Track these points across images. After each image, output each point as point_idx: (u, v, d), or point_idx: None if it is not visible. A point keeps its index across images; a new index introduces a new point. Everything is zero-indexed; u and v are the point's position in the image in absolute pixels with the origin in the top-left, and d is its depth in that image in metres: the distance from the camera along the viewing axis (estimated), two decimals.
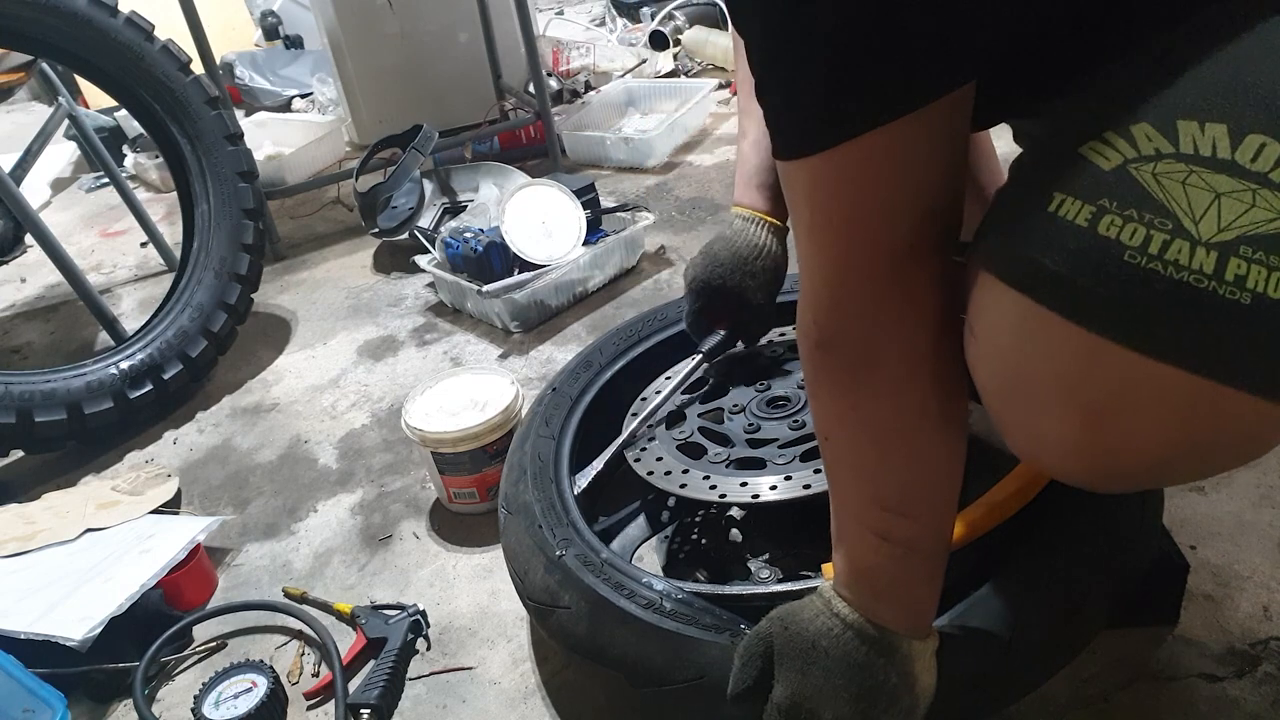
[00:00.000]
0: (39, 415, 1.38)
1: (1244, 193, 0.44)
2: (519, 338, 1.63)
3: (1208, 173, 0.44)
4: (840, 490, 0.65)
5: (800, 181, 0.56)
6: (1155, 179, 0.45)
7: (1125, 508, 0.75)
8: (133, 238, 2.39)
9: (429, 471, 1.21)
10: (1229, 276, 0.43)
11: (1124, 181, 0.46)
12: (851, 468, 0.64)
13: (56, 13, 1.51)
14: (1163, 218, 0.45)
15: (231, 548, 1.22)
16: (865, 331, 0.58)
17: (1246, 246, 0.43)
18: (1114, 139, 0.47)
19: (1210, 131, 0.45)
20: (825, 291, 0.58)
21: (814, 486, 0.82)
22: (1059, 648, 0.71)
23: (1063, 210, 0.47)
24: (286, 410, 1.54)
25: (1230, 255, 0.43)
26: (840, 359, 0.59)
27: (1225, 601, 0.89)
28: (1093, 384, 0.48)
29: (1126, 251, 0.45)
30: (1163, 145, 0.46)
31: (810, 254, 0.58)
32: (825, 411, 0.63)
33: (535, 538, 0.87)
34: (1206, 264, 0.44)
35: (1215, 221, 0.44)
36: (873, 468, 0.62)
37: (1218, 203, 0.44)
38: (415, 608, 1.03)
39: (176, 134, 1.65)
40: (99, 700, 1.01)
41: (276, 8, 3.61)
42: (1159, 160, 0.45)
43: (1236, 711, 0.79)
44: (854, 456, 0.63)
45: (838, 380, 0.61)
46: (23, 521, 1.23)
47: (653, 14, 3.18)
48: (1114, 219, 0.46)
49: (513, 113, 2.54)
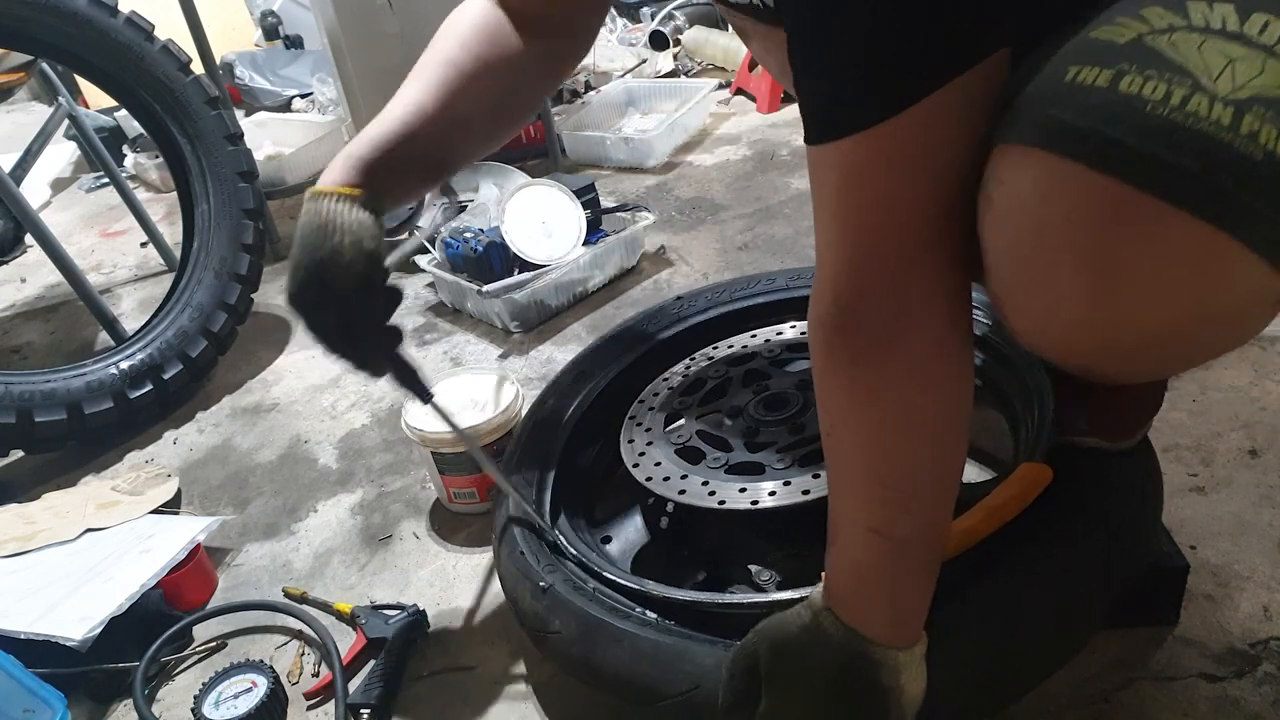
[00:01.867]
0: (39, 415, 1.38)
1: (1256, 58, 0.46)
2: (519, 338, 1.63)
3: (1221, 40, 0.46)
4: (840, 485, 0.65)
5: (834, 165, 0.57)
6: (1172, 44, 0.47)
7: (1125, 505, 0.75)
8: (133, 238, 2.39)
9: (429, 471, 1.20)
10: (1244, 131, 0.45)
11: (1141, 49, 0.48)
12: (857, 459, 0.63)
13: (56, 13, 1.51)
14: (1181, 75, 0.46)
15: (231, 548, 1.22)
16: (892, 311, 0.58)
17: (1260, 106, 0.45)
18: (1126, 20, 0.49)
19: (1219, 9, 0.47)
20: (850, 275, 0.58)
21: (813, 492, 0.82)
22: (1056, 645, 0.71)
23: (1081, 77, 0.49)
24: (286, 410, 1.54)
25: (1245, 112, 0.45)
26: (862, 341, 0.59)
27: (1225, 601, 0.89)
28: (1111, 236, 0.49)
29: (1149, 105, 0.46)
30: (1175, 20, 0.47)
31: (835, 239, 0.59)
32: (836, 401, 0.63)
33: (520, 565, 0.87)
34: (1224, 117, 0.45)
35: (1230, 80, 0.46)
36: (879, 458, 0.62)
37: (1231, 65, 0.46)
38: (415, 608, 1.03)
39: (176, 134, 1.65)
40: (99, 700, 1.01)
41: (276, 8, 3.61)
42: (1173, 31, 0.47)
43: (1236, 711, 0.79)
44: (860, 447, 0.62)
45: (857, 364, 0.60)
46: (23, 521, 1.23)
47: (653, 14, 3.18)
48: (1134, 78, 0.47)
49: None
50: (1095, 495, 0.74)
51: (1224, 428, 1.10)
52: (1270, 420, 1.10)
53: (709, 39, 2.91)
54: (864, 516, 0.62)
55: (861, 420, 0.62)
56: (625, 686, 0.74)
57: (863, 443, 0.62)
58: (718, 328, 1.19)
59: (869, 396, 0.61)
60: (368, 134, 0.81)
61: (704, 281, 1.68)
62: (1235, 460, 1.05)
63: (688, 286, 1.69)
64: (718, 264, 1.76)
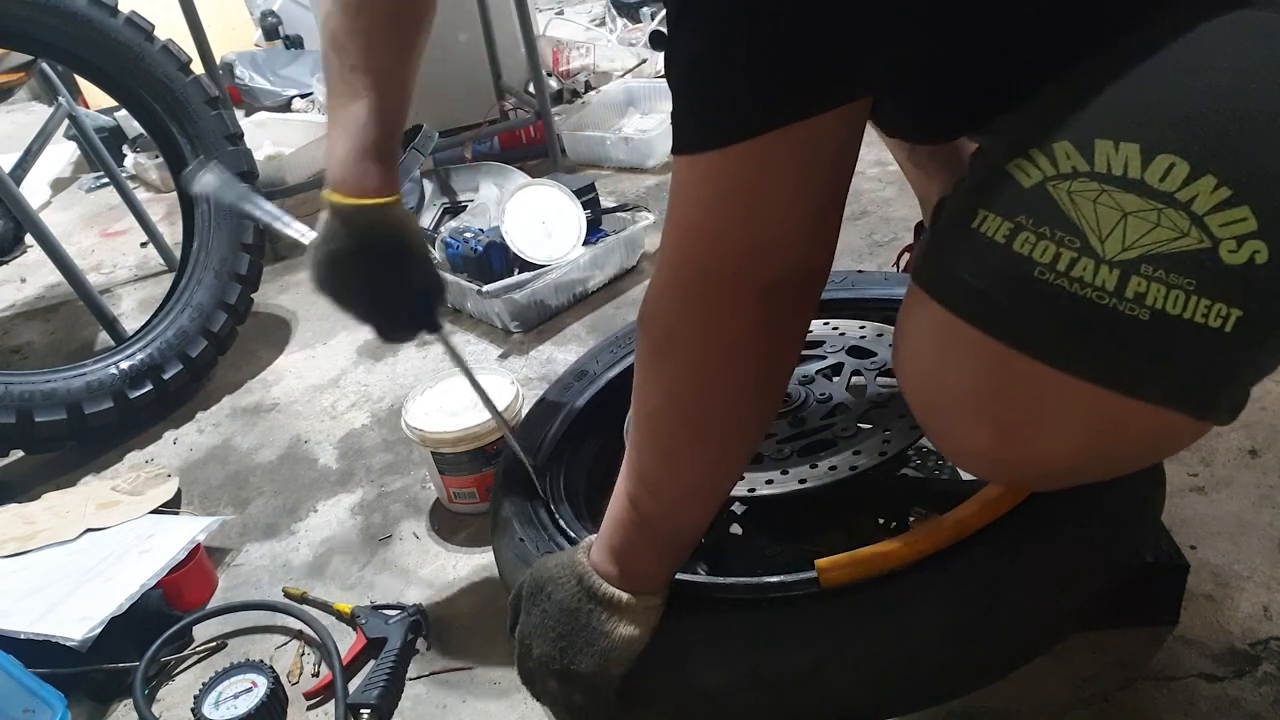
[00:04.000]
0: (39, 415, 1.38)
1: (1150, 212, 0.46)
2: (519, 338, 1.63)
3: (1118, 192, 0.47)
4: (629, 448, 0.70)
5: (674, 176, 0.59)
6: (1069, 197, 0.48)
7: (1123, 501, 0.75)
8: (133, 238, 2.39)
9: (429, 471, 1.21)
10: (1129, 294, 0.46)
11: (1040, 199, 0.49)
12: (638, 436, 0.69)
13: (56, 13, 1.51)
14: (1072, 235, 0.48)
15: (231, 548, 1.22)
16: (668, 324, 0.62)
17: (1147, 265, 0.46)
18: (1037, 156, 0.50)
19: (1124, 150, 0.47)
20: (659, 275, 0.62)
21: (810, 481, 0.82)
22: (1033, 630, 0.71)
23: (984, 227, 0.50)
24: (286, 410, 1.54)
25: (1132, 273, 0.46)
26: (646, 336, 0.64)
27: (1225, 601, 0.89)
28: (1004, 396, 0.52)
29: (1037, 268, 0.48)
30: (1079, 164, 0.48)
31: (667, 244, 0.61)
32: (635, 376, 0.68)
33: (519, 552, 0.88)
34: (1109, 281, 0.47)
35: (1120, 240, 0.47)
36: (646, 443, 0.68)
37: (1124, 222, 0.47)
38: (415, 608, 1.03)
39: (176, 134, 1.65)
40: (99, 700, 1.01)
41: (276, 8, 3.61)
42: (1075, 179, 0.48)
43: (1236, 711, 0.79)
44: (640, 428, 0.68)
45: (641, 353, 0.66)
46: (23, 521, 1.23)
47: (653, 14, 3.18)
48: (1028, 235, 0.49)
49: (513, 113, 2.54)
50: (1093, 491, 0.74)
51: (1224, 428, 1.10)
52: (1270, 420, 1.10)
53: None
54: (629, 484, 0.69)
55: (642, 402, 0.67)
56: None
57: (640, 424, 0.68)
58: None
59: (644, 387, 0.66)
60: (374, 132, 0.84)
61: None
62: (1235, 460, 1.05)
63: None
64: None
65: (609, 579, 0.71)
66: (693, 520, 0.71)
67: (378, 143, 0.84)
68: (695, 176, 0.57)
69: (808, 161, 0.54)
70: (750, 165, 0.54)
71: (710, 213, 0.57)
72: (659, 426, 0.67)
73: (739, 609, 0.72)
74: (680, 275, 0.60)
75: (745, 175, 0.54)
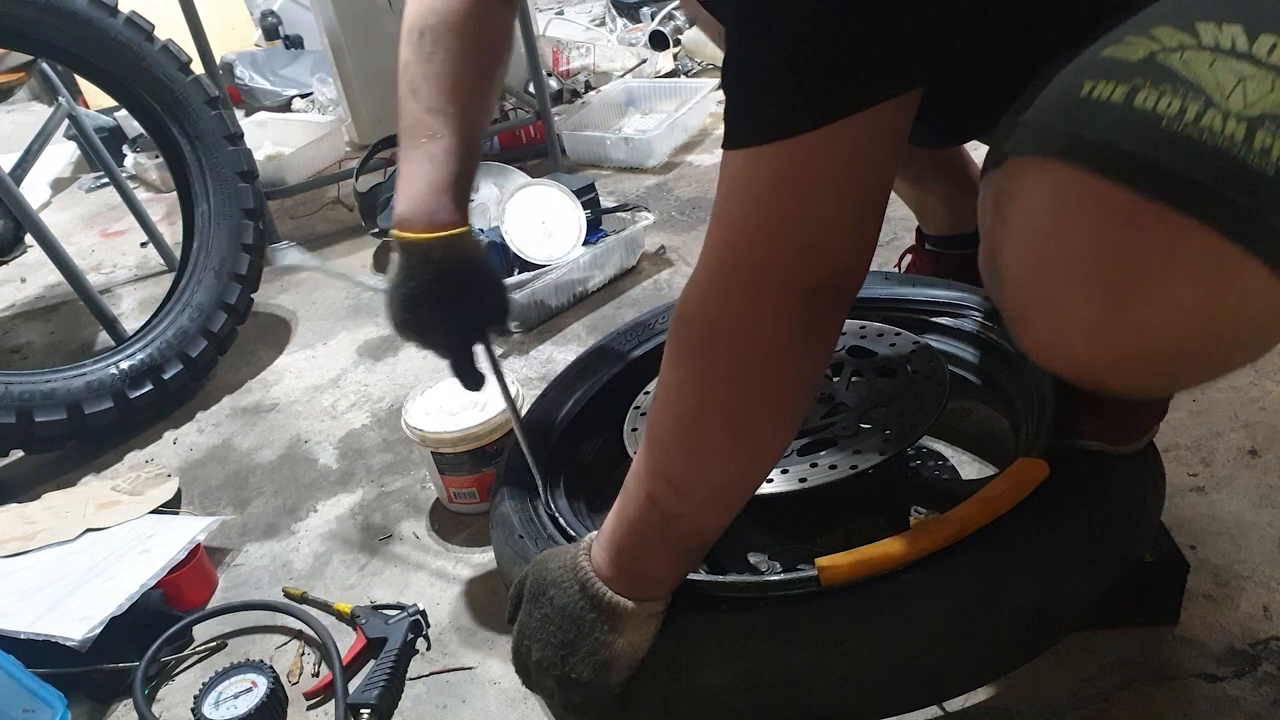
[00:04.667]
0: (39, 415, 1.38)
1: (1265, 77, 0.47)
2: (519, 338, 1.63)
3: (1231, 59, 0.47)
4: (645, 445, 0.70)
5: (724, 172, 0.60)
6: (1184, 62, 0.48)
7: (1123, 501, 0.75)
8: (133, 238, 2.39)
9: (429, 471, 1.21)
10: (1257, 146, 0.46)
11: (1153, 66, 0.49)
12: (662, 433, 0.68)
13: (56, 13, 1.50)
14: (1193, 92, 0.47)
15: (231, 548, 1.22)
16: (711, 323, 0.62)
17: (1270, 122, 0.46)
18: (1136, 39, 0.50)
19: (1227, 30, 0.48)
20: (705, 273, 0.62)
21: (809, 481, 0.82)
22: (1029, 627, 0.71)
23: (1096, 93, 0.49)
24: (286, 410, 1.54)
25: (1258, 128, 0.46)
26: (686, 334, 0.64)
27: (1225, 601, 0.89)
28: (1125, 248, 0.50)
29: (1164, 120, 0.47)
30: (1185, 39, 0.49)
31: (709, 238, 0.62)
32: (664, 379, 0.67)
33: (516, 547, 0.88)
34: (1237, 133, 0.46)
35: (1242, 97, 0.47)
36: (673, 439, 0.67)
37: (1243, 83, 0.47)
38: (415, 608, 1.03)
39: (176, 134, 1.65)
40: (99, 700, 1.01)
41: (276, 8, 3.61)
42: (1184, 50, 0.48)
43: (1236, 711, 0.79)
44: (668, 425, 0.68)
45: (677, 352, 0.65)
46: (23, 521, 1.23)
47: (653, 14, 3.18)
48: (1148, 93, 0.48)
49: (513, 113, 2.54)
50: (1093, 490, 0.74)
51: (1224, 428, 1.10)
52: (1270, 420, 1.10)
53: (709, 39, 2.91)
54: (649, 482, 0.69)
55: (670, 402, 0.67)
56: None
57: (672, 422, 0.67)
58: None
59: (679, 387, 0.66)
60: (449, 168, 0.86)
61: None
62: (1235, 460, 1.05)
63: None
64: None
65: (611, 583, 0.70)
66: (717, 522, 0.70)
67: (454, 178, 0.86)
68: (749, 171, 0.57)
69: (860, 157, 0.56)
70: (807, 158, 0.55)
71: (764, 209, 0.58)
72: (693, 426, 0.66)
73: (739, 609, 0.72)
74: (728, 273, 0.61)
75: (802, 169, 0.55)
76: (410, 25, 0.88)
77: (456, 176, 0.86)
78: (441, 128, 0.85)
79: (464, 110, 0.86)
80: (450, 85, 0.86)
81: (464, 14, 0.87)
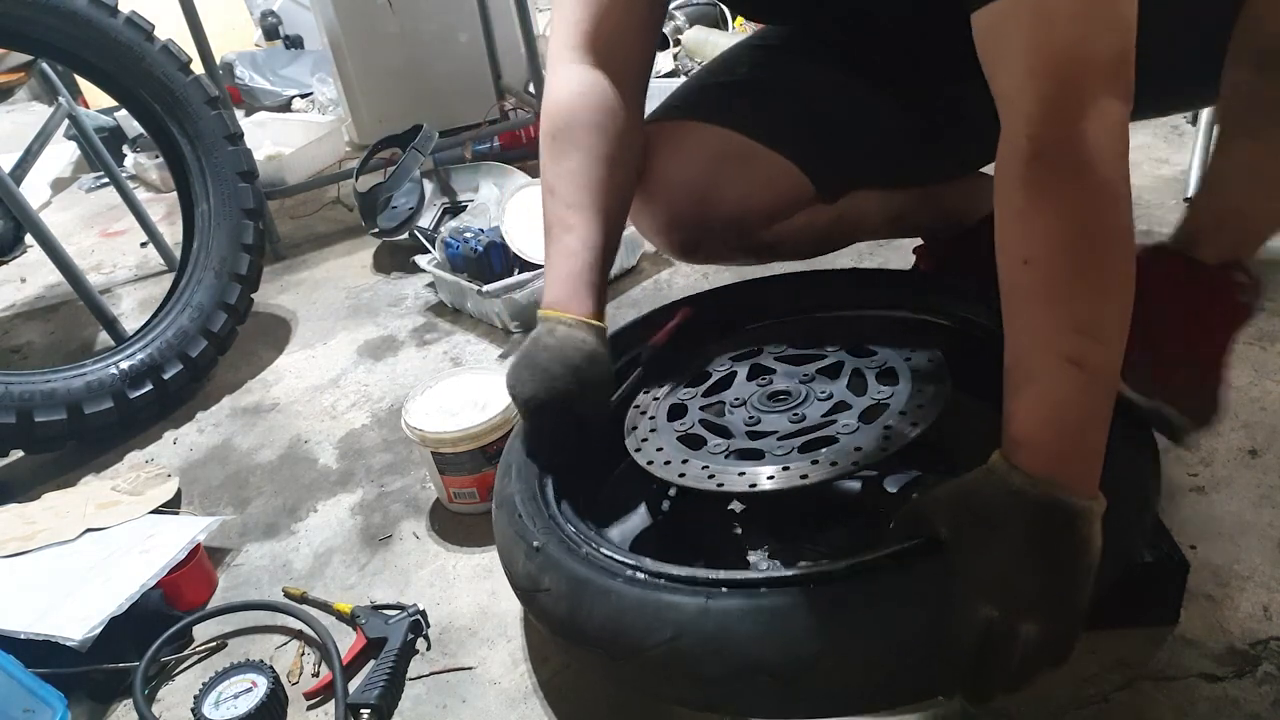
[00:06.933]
0: (39, 415, 1.38)
1: None
2: (519, 338, 1.63)
3: None
4: (1030, 322, 0.66)
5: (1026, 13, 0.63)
6: None
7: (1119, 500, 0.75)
8: (133, 238, 2.39)
9: (429, 471, 1.21)
10: None
11: None
12: (1050, 290, 0.65)
13: (56, 13, 1.50)
14: None
15: (231, 548, 1.22)
16: (1082, 140, 0.62)
17: None
18: None
19: None
20: (1039, 107, 0.63)
21: (811, 476, 0.82)
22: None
23: None
24: (286, 410, 1.54)
25: None
26: (1056, 168, 0.64)
27: (1225, 601, 0.89)
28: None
29: None
30: None
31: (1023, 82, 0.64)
32: (1033, 230, 0.65)
33: (517, 528, 0.88)
34: None
35: None
36: (1077, 280, 0.64)
37: None
38: (415, 608, 1.03)
39: (176, 134, 1.65)
40: (99, 700, 1.01)
41: (276, 8, 3.61)
42: None
43: (1236, 711, 0.79)
44: (1055, 277, 0.65)
45: (1053, 192, 0.64)
46: (23, 521, 1.23)
47: None
48: None
49: (513, 113, 2.54)
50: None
51: (1224, 428, 1.10)
52: (1270, 420, 1.10)
53: (709, 39, 2.91)
54: (1063, 346, 0.64)
55: (1057, 251, 0.64)
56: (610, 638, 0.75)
57: (1056, 274, 0.65)
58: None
59: (1067, 226, 0.64)
60: (587, 259, 0.92)
61: (704, 282, 1.68)
62: (1235, 460, 1.05)
63: (688, 287, 1.69)
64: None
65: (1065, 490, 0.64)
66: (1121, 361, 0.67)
67: (589, 267, 0.92)
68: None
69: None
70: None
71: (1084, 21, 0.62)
72: (1088, 259, 0.64)
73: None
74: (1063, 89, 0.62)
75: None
76: (544, 131, 0.96)
77: (590, 265, 0.92)
78: (577, 221, 0.92)
79: (597, 205, 0.93)
80: (583, 184, 0.93)
81: (592, 112, 0.94)
